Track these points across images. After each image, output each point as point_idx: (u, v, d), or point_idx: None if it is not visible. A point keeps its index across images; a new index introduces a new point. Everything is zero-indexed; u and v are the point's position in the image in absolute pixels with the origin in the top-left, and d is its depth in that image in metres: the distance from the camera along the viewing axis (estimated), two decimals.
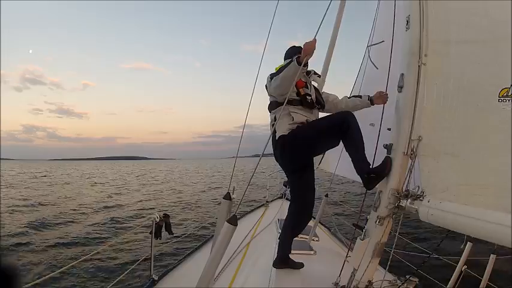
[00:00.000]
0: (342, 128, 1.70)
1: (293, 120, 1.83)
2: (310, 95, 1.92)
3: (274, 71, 1.96)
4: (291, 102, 1.84)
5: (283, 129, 1.83)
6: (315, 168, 2.11)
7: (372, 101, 2.05)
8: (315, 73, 2.10)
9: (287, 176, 2.13)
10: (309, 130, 1.84)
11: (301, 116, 1.86)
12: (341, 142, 1.78)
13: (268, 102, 2.02)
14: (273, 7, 2.32)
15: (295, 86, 1.83)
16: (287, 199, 4.13)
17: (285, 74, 1.69)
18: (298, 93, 1.89)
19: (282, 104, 1.86)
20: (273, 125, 1.94)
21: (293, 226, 2.08)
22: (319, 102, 2.02)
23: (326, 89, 2.34)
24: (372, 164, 1.56)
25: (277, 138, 1.84)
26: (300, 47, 1.87)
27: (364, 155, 1.63)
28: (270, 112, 2.01)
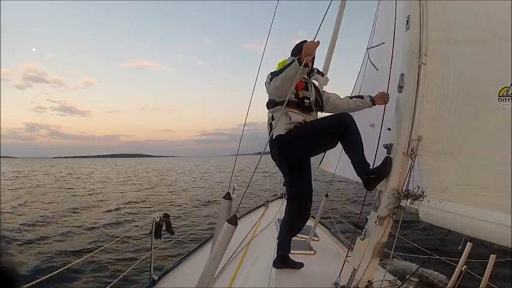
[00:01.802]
0: (339, 129, 1.69)
1: (290, 119, 1.81)
2: (308, 98, 1.90)
3: (277, 67, 1.94)
4: (288, 104, 1.80)
5: (280, 129, 1.81)
6: (315, 168, 2.10)
7: (373, 102, 2.04)
8: (318, 72, 2.07)
9: (283, 176, 2.12)
10: (306, 130, 1.83)
11: (298, 115, 1.85)
12: (339, 144, 1.77)
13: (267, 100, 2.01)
14: (279, 6, 2.31)
15: (294, 87, 1.81)
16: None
17: (285, 74, 1.67)
18: (296, 95, 1.87)
19: (279, 103, 1.87)
20: (270, 123, 1.94)
21: (291, 225, 2.07)
22: (318, 104, 2.00)
23: (326, 89, 2.32)
24: (372, 164, 1.56)
25: (274, 137, 1.83)
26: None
27: (364, 156, 1.63)
28: (268, 109, 1.99)
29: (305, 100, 1.88)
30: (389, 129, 1.47)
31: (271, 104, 1.94)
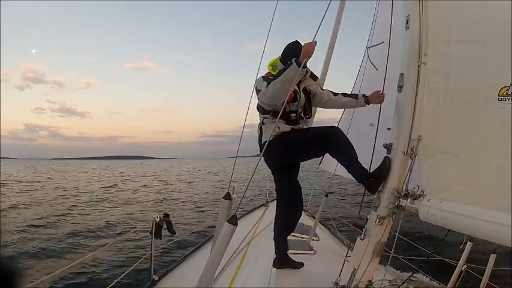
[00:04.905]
0: (325, 142, 1.75)
1: (279, 129, 1.84)
2: (295, 112, 1.88)
3: (268, 67, 1.94)
4: (275, 114, 1.78)
5: (268, 135, 1.82)
6: (315, 168, 2.11)
7: (368, 101, 2.03)
8: (312, 75, 1.92)
9: (273, 175, 2.14)
10: (293, 139, 1.86)
11: (286, 126, 1.86)
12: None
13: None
14: (279, 6, 2.31)
15: None
16: None
17: (284, 77, 1.62)
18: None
19: (268, 111, 1.89)
20: (260, 127, 1.97)
21: (285, 224, 2.09)
22: (306, 113, 1.98)
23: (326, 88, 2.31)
24: (370, 163, 1.56)
25: (262, 142, 1.84)
26: (300, 45, 1.81)
27: (358, 163, 1.64)
28: (259, 112, 2.00)
29: (291, 114, 1.87)
30: (389, 128, 1.47)
31: (261, 110, 1.96)
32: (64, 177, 27.41)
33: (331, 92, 2.11)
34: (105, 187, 17.56)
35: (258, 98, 1.90)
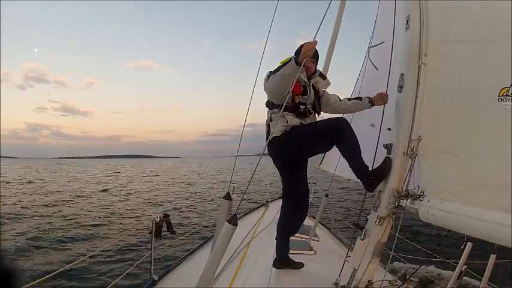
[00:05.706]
0: (333, 134, 1.74)
1: (287, 122, 1.84)
2: (304, 104, 1.89)
3: (279, 65, 1.95)
4: (285, 108, 1.77)
5: (276, 131, 1.83)
6: (316, 168, 2.10)
7: (372, 103, 2.04)
8: (321, 74, 2.06)
9: (280, 175, 2.13)
10: (301, 133, 1.85)
11: (295, 119, 1.86)
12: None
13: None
14: (280, 6, 2.30)
15: (291, 92, 1.78)
16: None
17: (282, 72, 1.67)
18: (292, 100, 1.87)
19: (276, 106, 1.89)
20: (268, 124, 1.97)
21: (287, 225, 2.08)
22: (315, 108, 1.99)
23: (328, 89, 2.31)
24: (372, 164, 1.56)
25: (270, 138, 1.84)
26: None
27: (361, 158, 1.64)
28: (267, 109, 2.00)
29: (300, 106, 1.88)
30: (389, 129, 1.47)
31: (269, 105, 1.96)
32: (60, 178, 26.79)
33: (338, 96, 2.15)
34: (100, 191, 16.39)
35: (265, 91, 1.94)
